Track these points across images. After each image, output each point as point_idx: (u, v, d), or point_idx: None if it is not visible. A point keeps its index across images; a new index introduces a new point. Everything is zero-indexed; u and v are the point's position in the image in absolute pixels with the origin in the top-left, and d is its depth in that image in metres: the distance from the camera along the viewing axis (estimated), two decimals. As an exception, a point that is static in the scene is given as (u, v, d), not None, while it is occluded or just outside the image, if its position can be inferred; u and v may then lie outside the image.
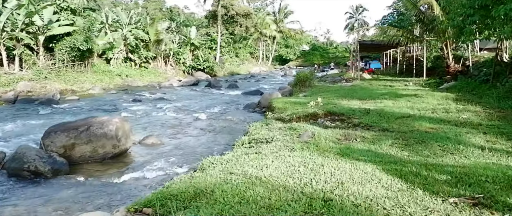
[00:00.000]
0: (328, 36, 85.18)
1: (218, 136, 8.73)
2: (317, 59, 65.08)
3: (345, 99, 11.39)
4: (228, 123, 10.41)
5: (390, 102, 9.98)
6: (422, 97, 10.91)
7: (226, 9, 44.70)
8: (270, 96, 13.02)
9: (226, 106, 14.15)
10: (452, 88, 12.87)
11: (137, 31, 27.07)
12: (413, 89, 13.57)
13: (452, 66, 15.51)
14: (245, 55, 50.13)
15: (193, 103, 15.07)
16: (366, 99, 11.16)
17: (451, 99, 10.01)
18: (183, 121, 10.62)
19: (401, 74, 24.03)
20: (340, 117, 8.27)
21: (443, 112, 8.06)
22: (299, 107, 9.43)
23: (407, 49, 26.79)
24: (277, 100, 10.93)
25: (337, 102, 10.43)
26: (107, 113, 11.87)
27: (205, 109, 13.36)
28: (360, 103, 10.31)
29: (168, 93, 19.10)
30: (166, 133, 8.98)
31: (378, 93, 12.60)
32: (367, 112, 8.40)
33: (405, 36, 15.78)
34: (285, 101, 10.41)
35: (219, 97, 17.73)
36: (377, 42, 21.59)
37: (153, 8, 63.73)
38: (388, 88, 14.59)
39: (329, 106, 9.37)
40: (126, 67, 27.05)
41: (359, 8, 62.21)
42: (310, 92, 14.68)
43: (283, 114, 8.65)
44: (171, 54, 31.32)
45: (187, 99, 16.72)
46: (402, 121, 7.27)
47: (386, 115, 7.89)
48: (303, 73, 17.48)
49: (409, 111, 8.40)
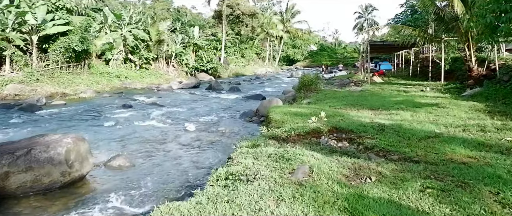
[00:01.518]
0: (336, 36, 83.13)
1: (202, 155, 7.24)
2: (325, 59, 63.21)
3: (354, 108, 9.78)
4: (218, 136, 8.92)
5: (408, 114, 8.34)
6: (446, 107, 9.22)
7: (232, 8, 43.31)
8: (270, 103, 11.49)
9: (222, 114, 12.68)
10: (478, 96, 11.11)
11: (137, 31, 25.82)
12: (432, 96, 11.85)
13: (475, 69, 13.71)
14: (251, 56, 48.61)
15: (187, 110, 13.64)
16: (378, 108, 9.53)
17: (482, 111, 8.32)
18: (168, 133, 9.17)
19: (415, 77, 22.17)
20: (348, 134, 6.69)
21: (478, 130, 6.40)
22: (299, 119, 7.87)
23: (421, 50, 24.91)
24: (276, 109, 9.40)
25: (345, 113, 8.83)
26: (83, 122, 10.49)
27: (198, 117, 11.90)
28: (372, 114, 8.70)
29: (165, 97, 17.74)
30: (142, 150, 7.54)
31: (392, 101, 10.94)
32: (382, 129, 6.79)
33: (421, 36, 14.03)
34: (285, 112, 8.86)
35: (217, 102, 16.27)
36: (389, 42, 19.82)
37: (161, 8, 62.74)
38: (402, 94, 12.88)
39: (335, 118, 7.79)
40: (125, 68, 25.86)
41: (369, 7, 60.03)
42: (315, 98, 13.08)
43: (280, 129, 7.11)
44: (173, 55, 30.02)
45: (182, 104, 15.30)
46: (428, 144, 5.66)
47: (406, 134, 6.28)
48: (308, 77, 15.90)
49: (434, 128, 6.76)
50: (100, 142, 7.91)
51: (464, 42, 13.81)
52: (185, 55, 31.14)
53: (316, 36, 76.95)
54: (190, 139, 8.63)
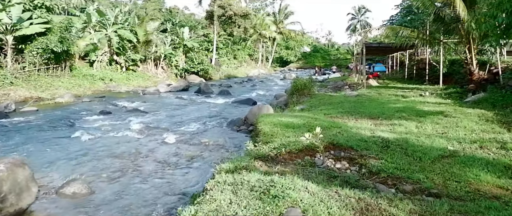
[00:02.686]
0: (329, 38, 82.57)
1: (178, 176, 6.17)
2: (318, 61, 62.52)
3: (352, 116, 8.81)
4: (200, 150, 7.85)
5: (413, 125, 7.38)
6: (452, 116, 8.30)
7: (224, 9, 42.17)
8: (259, 110, 10.45)
9: (209, 121, 11.60)
10: (483, 102, 10.24)
11: (123, 31, 24.55)
12: (434, 103, 10.95)
13: (476, 73, 12.87)
14: (244, 57, 47.57)
15: (171, 116, 12.53)
16: (378, 117, 8.57)
17: (495, 122, 7.40)
18: (144, 147, 8.07)
19: (411, 80, 21.38)
20: (348, 152, 5.70)
21: (498, 147, 5.46)
22: (291, 132, 6.86)
23: (415, 52, 24.15)
24: (266, 119, 8.37)
25: (342, 123, 7.85)
26: (49, 133, 9.29)
27: (181, 125, 10.81)
28: (372, 125, 7.73)
29: (150, 102, 16.58)
30: (109, 169, 6.43)
31: (392, 107, 10.00)
32: (386, 145, 5.81)
33: (421, 38, 13.16)
34: (275, 122, 7.84)
35: (205, 107, 15.18)
36: (385, 44, 18.98)
37: (153, 9, 61.42)
38: (402, 100, 11.97)
39: (332, 131, 6.80)
40: (111, 70, 24.57)
41: (362, 9, 59.44)
42: (308, 104, 12.09)
43: (269, 146, 6.08)
44: (162, 56, 28.80)
45: (167, 110, 14.17)
46: (443, 167, 4.69)
47: (415, 153, 5.30)
48: (301, 81, 14.92)
49: (446, 144, 5.81)
50: (60, 161, 6.77)
51: (465, 44, 12.97)
52: (174, 57, 29.95)
53: (309, 37, 76.24)
54: (167, 154, 7.55)
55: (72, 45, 20.12)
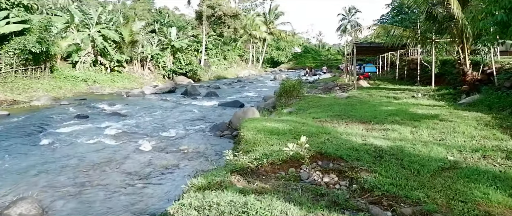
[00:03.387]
0: (320, 38, 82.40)
1: (148, 192, 5.46)
2: (309, 61, 62.14)
3: (342, 120, 8.20)
4: (177, 159, 7.15)
5: (408, 131, 6.80)
6: (448, 120, 7.75)
7: (213, 9, 41.46)
8: (244, 114, 9.79)
9: (191, 126, 10.89)
10: (478, 105, 9.75)
11: (107, 31, 23.61)
12: (428, 105, 10.43)
13: (469, 73, 12.41)
14: (234, 58, 46.84)
15: (151, 120, 11.77)
16: (370, 121, 7.98)
17: (494, 126, 6.86)
18: (115, 156, 7.32)
19: (402, 80, 20.98)
20: (337, 163, 5.07)
21: (503, 157, 4.90)
22: (276, 139, 6.21)
23: (406, 52, 23.80)
24: (250, 124, 7.70)
25: (331, 128, 7.23)
26: (15, 139, 8.45)
27: (161, 130, 10.07)
28: (364, 130, 7.12)
29: (132, 104, 15.77)
30: (70, 184, 5.68)
31: (384, 110, 9.44)
32: (380, 155, 5.20)
33: (412, 37, 12.67)
34: (259, 128, 7.19)
35: (190, 110, 14.44)
36: (376, 44, 18.52)
37: (142, 9, 60.29)
38: (394, 102, 11.43)
39: (320, 138, 6.17)
40: (95, 71, 23.64)
41: (352, 9, 59.26)
42: (297, 107, 11.47)
43: (250, 156, 5.42)
44: (148, 57, 27.91)
45: (149, 113, 13.40)
46: (445, 182, 4.09)
47: (412, 164, 4.70)
48: (289, 82, 14.29)
49: (445, 153, 5.23)
50: (15, 174, 5.99)
51: (458, 44, 12.51)
52: (162, 57, 29.08)
53: (300, 38, 75.95)
54: (140, 163, 6.82)
55: (52, 45, 19.14)
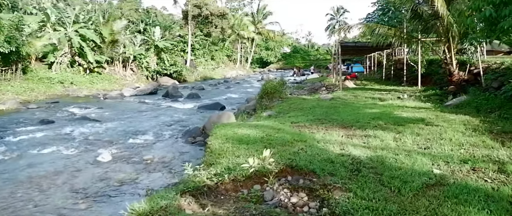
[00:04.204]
0: (309, 38, 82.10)
1: (88, 214, 4.68)
2: (298, 61, 61.72)
3: (322, 125, 7.52)
4: (136, 172, 6.36)
5: (391, 137, 6.16)
6: (434, 123, 7.16)
7: (200, 9, 40.49)
8: (219, 118, 9.06)
9: (163, 131, 10.09)
10: (465, 106, 9.22)
11: (85, 30, 22.54)
12: (413, 107, 9.86)
13: (456, 73, 11.94)
14: (222, 58, 45.99)
15: (122, 125, 10.93)
16: (352, 125, 7.34)
17: (483, 131, 6.27)
18: (67, 168, 6.49)
19: (388, 81, 20.53)
20: (309, 178, 4.39)
21: (496, 170, 4.28)
22: (244, 149, 5.49)
23: (393, 52, 23.41)
24: (220, 130, 6.97)
25: (309, 135, 6.55)
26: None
27: (129, 136, 9.25)
28: (344, 136, 6.46)
29: (107, 108, 14.86)
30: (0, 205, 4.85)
31: (367, 114, 8.81)
32: (357, 168, 4.53)
33: (398, 36, 12.12)
34: (229, 135, 6.46)
35: (167, 113, 13.62)
36: (362, 43, 18.00)
37: (129, 9, 58.90)
38: (379, 104, 10.84)
39: (293, 147, 5.49)
40: (72, 72, 22.58)
41: (340, 9, 59.06)
42: (278, 109, 10.78)
43: (209, 171, 4.70)
44: (131, 57, 26.89)
45: (122, 117, 12.54)
46: (430, 204, 3.43)
47: (393, 181, 4.03)
48: (271, 84, 13.61)
49: (431, 165, 4.59)
50: None
51: (444, 43, 12.02)
52: (145, 58, 28.09)
53: (290, 38, 75.48)
54: (93, 178, 6.01)
55: (24, 45, 18.05)
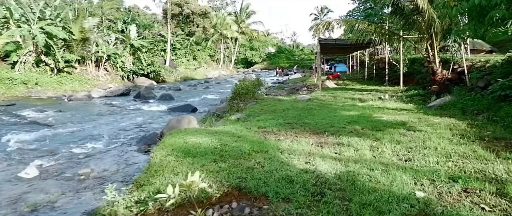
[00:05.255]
0: (294, 39, 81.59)
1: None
2: (283, 61, 61.01)
3: (292, 131, 6.51)
4: (63, 191, 5.18)
5: (367, 146, 5.20)
6: (416, 128, 6.25)
7: (180, 7, 39.19)
8: (179, 123, 7.95)
9: (118, 137, 8.90)
10: (450, 108, 8.41)
11: (51, 28, 20.94)
12: (394, 108, 8.99)
13: (439, 72, 11.18)
14: (204, 58, 44.65)
15: (74, 131, 9.66)
16: (325, 131, 6.36)
17: (471, 136, 5.39)
18: (-22, 188, 5.26)
19: (370, 80, 19.83)
20: (258, 205, 3.36)
21: (493, 193, 3.34)
22: (188, 164, 4.42)
23: (375, 51, 22.76)
24: (171, 139, 5.86)
25: (273, 144, 5.52)
26: None
27: (75, 145, 8.02)
28: (314, 145, 5.46)
29: (66, 111, 13.49)
30: None
31: (344, 116, 7.87)
32: (321, 191, 3.52)
33: (378, 32, 11.29)
34: (177, 144, 5.37)
35: (131, 116, 12.39)
36: (342, 41, 17.20)
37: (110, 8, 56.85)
38: (358, 106, 9.94)
39: (249, 161, 4.45)
40: (39, 72, 20.93)
41: (324, 9, 58.62)
42: (249, 112, 9.72)
43: (132, 196, 3.60)
44: (104, 56, 25.35)
45: (79, 121, 11.24)
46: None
47: (364, 209, 3.04)
48: (243, 84, 12.57)
49: (413, 185, 3.62)
50: None
51: (427, 40, 11.24)
52: (120, 57, 26.57)
53: (275, 38, 74.74)
54: (6, 200, 4.81)
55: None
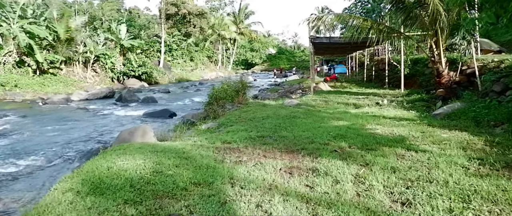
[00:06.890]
0: (296, 40, 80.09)
1: None
2: (283, 63, 59.60)
3: (261, 149, 5.06)
4: None
5: (350, 176, 3.74)
6: (418, 148, 4.77)
7: (177, 7, 37.92)
8: (131, 135, 6.54)
9: (69, 149, 7.54)
10: (460, 117, 6.91)
11: (33, 27, 19.71)
12: (393, 118, 7.51)
13: (445, 74, 9.68)
14: (202, 59, 43.34)
15: (25, 141, 8.33)
16: (302, 148, 4.91)
17: (497, 166, 3.91)
18: None
19: (370, 82, 18.32)
20: None
21: None
22: (85, 210, 3.00)
23: (375, 52, 21.25)
24: (98, 161, 4.48)
25: (227, 170, 4.09)
26: None
27: (6, 161, 6.66)
28: (282, 171, 4.01)
29: (32, 116, 12.19)
30: None
31: (330, 128, 6.41)
32: None
33: (375, 28, 9.81)
34: (96, 171, 3.99)
35: (99, 123, 11.04)
36: (336, 39, 15.76)
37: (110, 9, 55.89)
38: (350, 113, 8.46)
39: (178, 203, 3.02)
40: (20, 74, 19.70)
41: (325, 9, 56.92)
42: (223, 120, 8.29)
43: None
44: (92, 57, 24.10)
45: (36, 129, 9.90)
46: None
47: None
48: (221, 88, 11.12)
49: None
50: None
51: (431, 37, 9.74)
52: (109, 58, 25.30)
53: (275, 39, 73.37)
54: None
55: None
